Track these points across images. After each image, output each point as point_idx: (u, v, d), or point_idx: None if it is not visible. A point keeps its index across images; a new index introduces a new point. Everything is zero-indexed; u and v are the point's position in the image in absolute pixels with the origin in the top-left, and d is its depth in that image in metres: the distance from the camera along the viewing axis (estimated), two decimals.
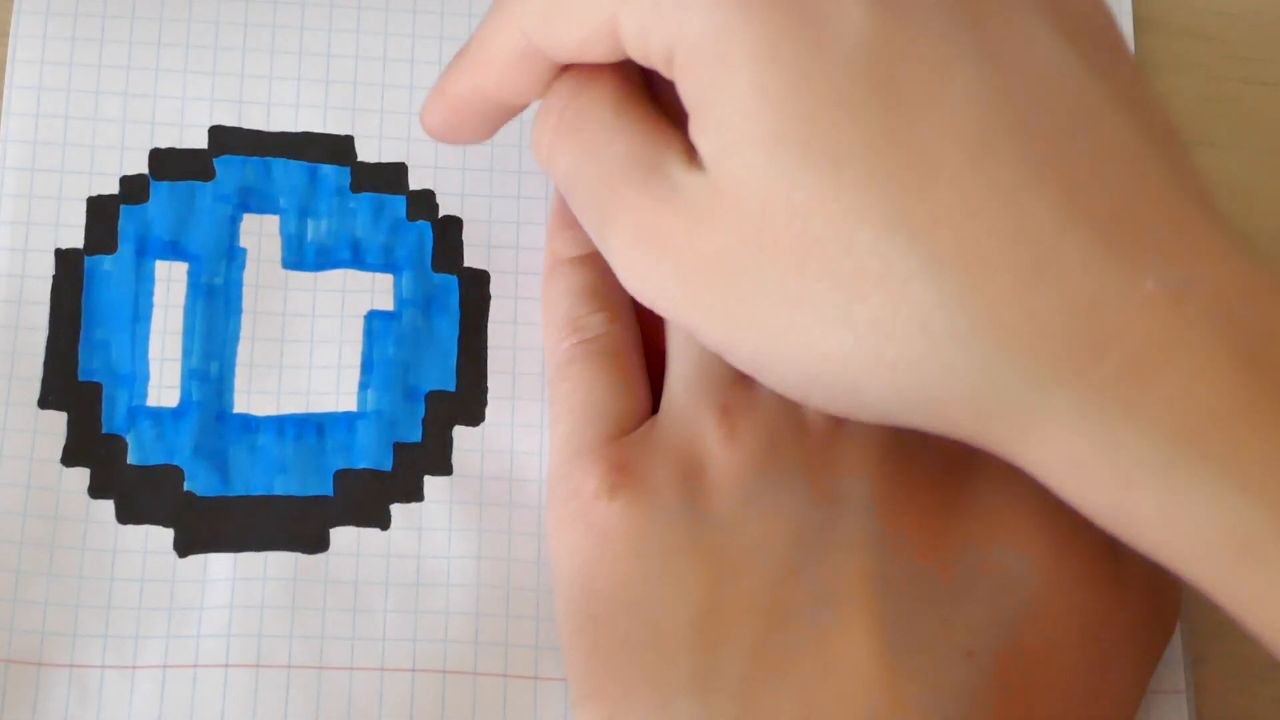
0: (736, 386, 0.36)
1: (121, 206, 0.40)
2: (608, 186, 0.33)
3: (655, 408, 0.38)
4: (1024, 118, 0.30)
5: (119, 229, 0.40)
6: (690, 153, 0.32)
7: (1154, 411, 0.28)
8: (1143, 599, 0.36)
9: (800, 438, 0.36)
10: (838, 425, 0.36)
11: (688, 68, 0.31)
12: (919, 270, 0.29)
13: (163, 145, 0.41)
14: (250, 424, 0.39)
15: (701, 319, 0.33)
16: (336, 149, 0.41)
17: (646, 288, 0.33)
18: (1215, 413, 0.28)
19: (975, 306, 0.29)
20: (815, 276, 0.30)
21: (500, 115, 0.37)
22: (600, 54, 0.33)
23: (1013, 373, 0.29)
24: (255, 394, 0.39)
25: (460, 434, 0.39)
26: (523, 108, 0.37)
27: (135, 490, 0.38)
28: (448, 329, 0.40)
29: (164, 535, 0.38)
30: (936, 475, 0.36)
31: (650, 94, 0.35)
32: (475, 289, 0.40)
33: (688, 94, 0.32)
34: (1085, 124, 0.30)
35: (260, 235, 0.40)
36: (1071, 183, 0.29)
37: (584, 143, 0.34)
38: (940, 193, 0.29)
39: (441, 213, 0.41)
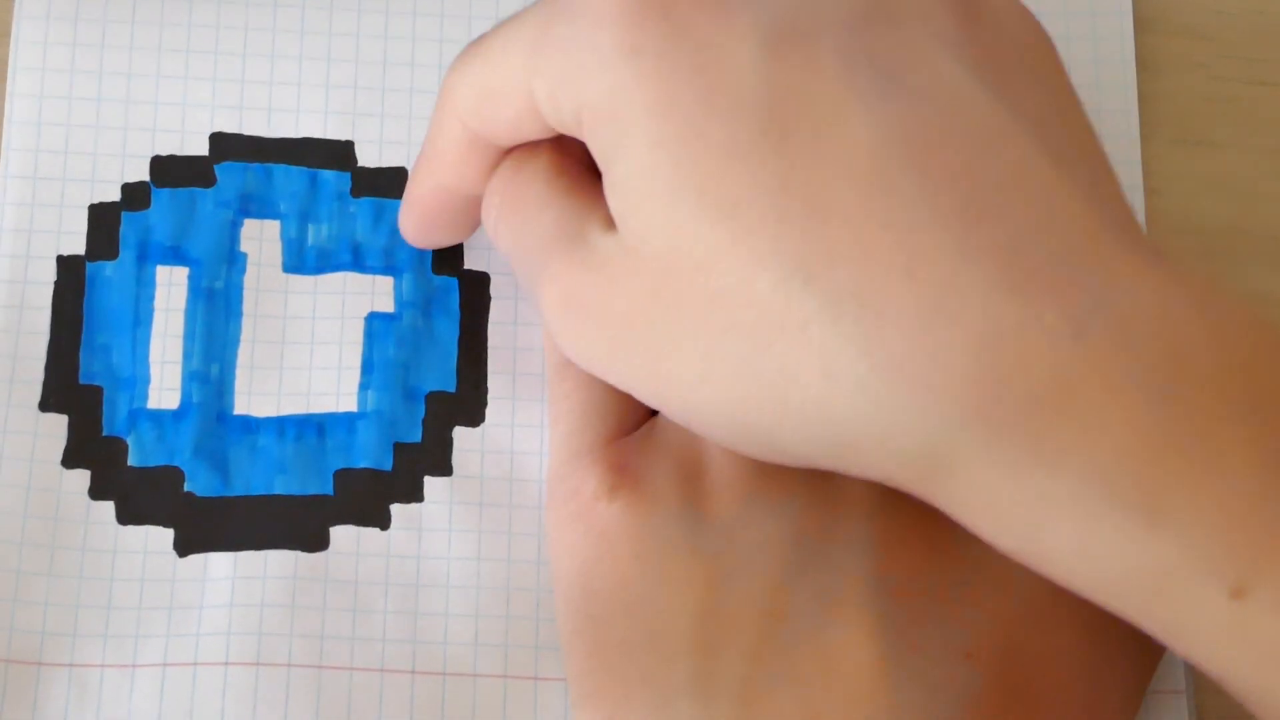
0: None
1: (123, 213, 0.41)
2: (538, 256, 0.34)
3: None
4: (920, 152, 0.29)
5: (120, 235, 0.40)
6: (609, 216, 0.32)
7: (1060, 449, 0.28)
8: None
9: None
10: None
11: (592, 130, 0.32)
12: (817, 313, 0.29)
13: (164, 152, 0.41)
14: (250, 425, 0.39)
15: (627, 376, 0.33)
16: (337, 154, 0.41)
17: (575, 349, 0.34)
18: (1121, 445, 0.28)
19: (874, 348, 0.28)
20: (721, 329, 0.30)
21: (466, 211, 0.38)
22: (533, 130, 0.34)
23: (915, 414, 0.29)
24: (255, 395, 0.39)
25: (460, 434, 0.39)
26: (480, 200, 0.37)
27: (135, 491, 0.38)
28: (448, 330, 0.40)
29: (164, 535, 0.38)
30: None
31: (590, 163, 0.35)
32: (475, 290, 0.40)
33: (597, 155, 0.32)
34: (986, 154, 0.30)
35: (261, 240, 0.40)
36: (969, 215, 0.29)
37: (520, 217, 0.35)
38: (834, 234, 0.29)
39: None
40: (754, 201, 0.29)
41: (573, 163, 0.35)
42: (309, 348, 0.40)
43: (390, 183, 0.41)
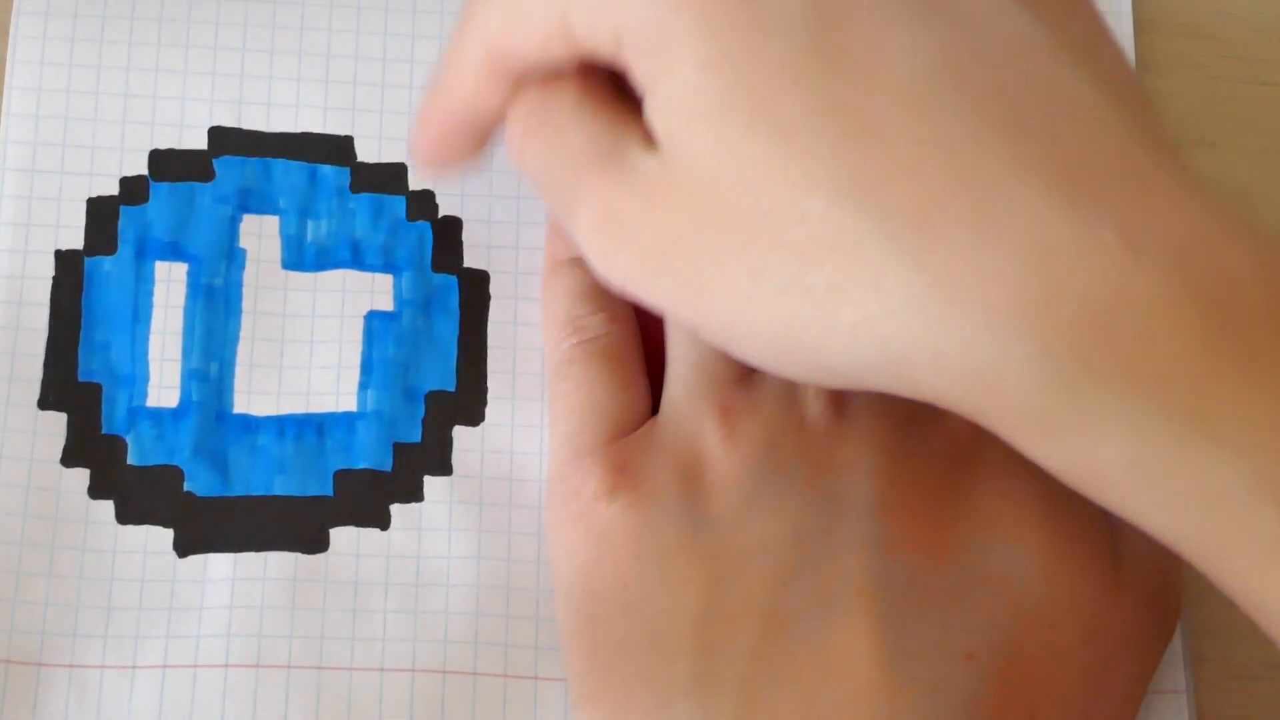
0: (736, 387, 0.36)
1: (121, 207, 0.40)
2: (571, 175, 0.33)
3: (656, 408, 0.38)
4: (968, 72, 0.29)
5: (119, 230, 0.40)
6: (648, 136, 0.32)
7: (1114, 363, 0.28)
8: (1143, 601, 0.36)
9: (800, 438, 0.36)
10: (838, 426, 0.36)
11: (635, 51, 0.31)
12: (869, 232, 0.29)
13: (162, 146, 0.41)
14: (250, 424, 0.39)
15: (666, 296, 0.32)
16: (336, 149, 0.41)
17: (612, 271, 0.33)
18: (1177, 363, 0.28)
19: (927, 264, 0.28)
20: (770, 248, 0.30)
21: (479, 133, 0.37)
22: (560, 53, 0.33)
23: (970, 328, 0.28)
24: (255, 394, 0.39)
25: (460, 434, 0.39)
26: (497, 123, 0.37)
27: (135, 490, 0.38)
28: (448, 329, 0.40)
29: (164, 535, 0.38)
30: (937, 477, 0.36)
31: (616, 89, 0.35)
32: (475, 289, 0.40)
33: (638, 77, 0.32)
34: (1033, 76, 0.30)
35: (260, 236, 0.40)
36: (1019, 134, 0.29)
37: (549, 136, 0.34)
38: (886, 153, 0.29)
39: (441, 213, 0.41)
40: (807, 121, 0.29)
41: (602, 86, 0.35)
42: (308, 346, 0.40)
43: (390, 178, 0.41)
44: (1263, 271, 0.28)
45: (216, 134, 0.41)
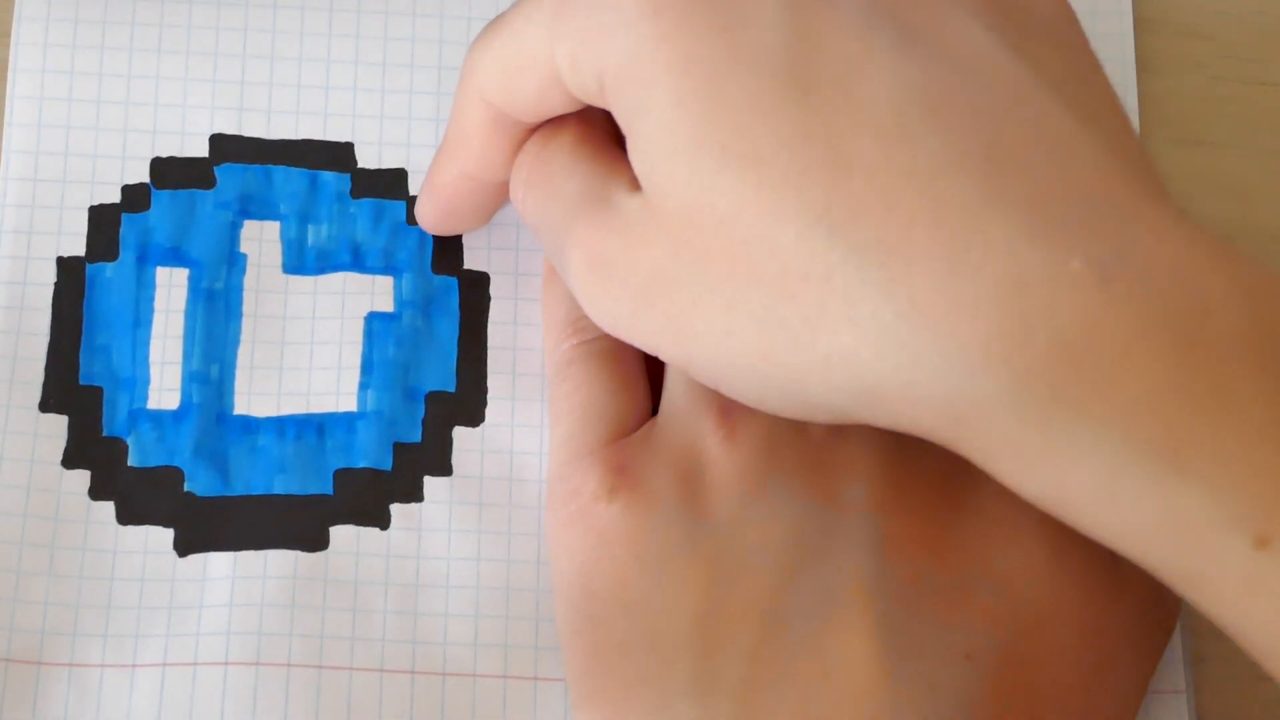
0: None
1: (123, 215, 0.41)
2: (563, 222, 0.34)
3: (655, 409, 0.38)
4: (942, 104, 0.30)
5: (120, 236, 0.40)
6: (634, 178, 0.33)
7: (1086, 394, 0.28)
8: (1142, 601, 0.36)
9: (800, 440, 0.36)
10: (838, 428, 0.36)
11: (615, 91, 0.32)
12: (841, 262, 0.29)
13: (164, 154, 0.41)
14: (250, 425, 0.39)
15: (651, 336, 0.33)
16: (336, 155, 0.41)
17: (601, 313, 0.34)
18: (1149, 394, 0.28)
19: (899, 294, 0.29)
20: (745, 281, 0.30)
21: (489, 197, 0.38)
22: (558, 103, 0.34)
23: (941, 359, 0.29)
24: (255, 396, 0.39)
25: (460, 434, 0.39)
26: (505, 185, 0.38)
27: (135, 491, 0.38)
28: (448, 330, 0.40)
29: (164, 535, 0.38)
30: (936, 479, 0.36)
31: (615, 133, 0.35)
32: (475, 290, 0.40)
33: (619, 116, 0.32)
34: (1007, 107, 0.30)
35: (261, 241, 0.40)
36: (992, 165, 0.29)
37: (546, 187, 0.35)
38: (857, 185, 0.29)
39: None
40: (777, 154, 0.30)
41: (598, 132, 0.35)
42: (309, 348, 0.40)
43: (390, 184, 0.41)
44: (1246, 301, 0.28)
45: (218, 141, 0.41)
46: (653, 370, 0.38)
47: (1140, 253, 0.28)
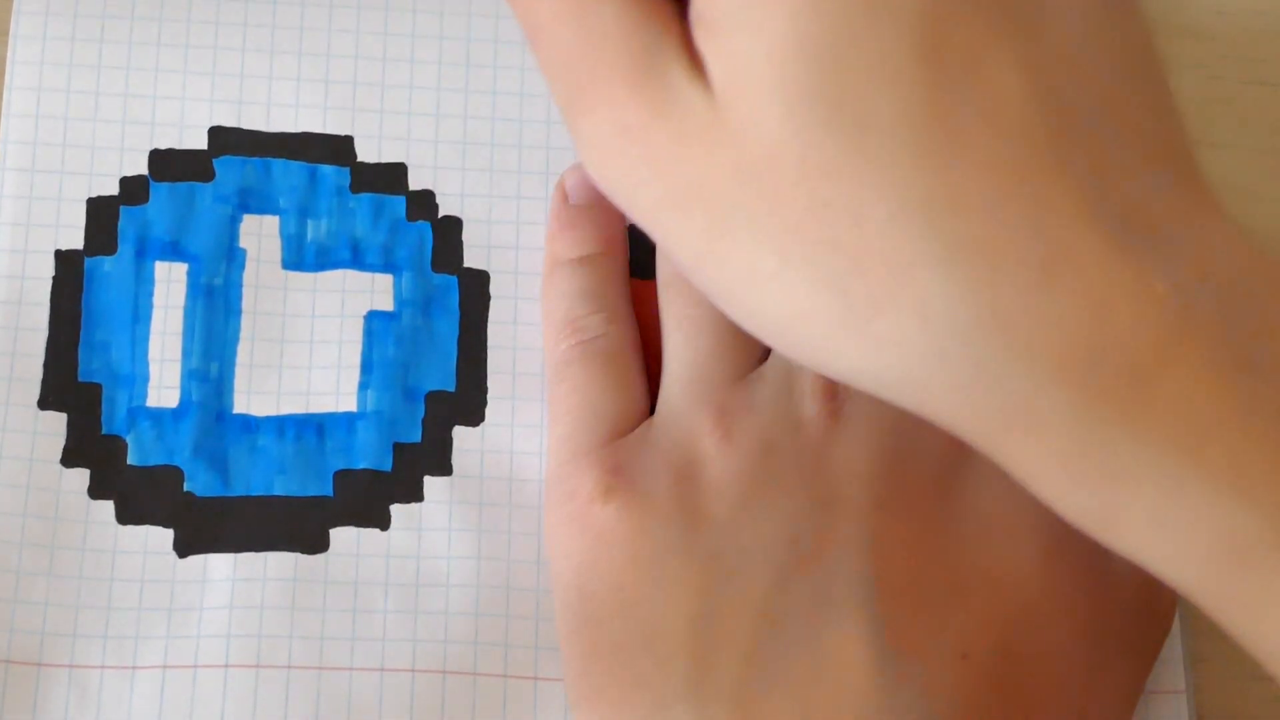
0: (732, 388, 0.36)
1: (121, 208, 0.40)
2: (590, 68, 0.30)
3: (654, 409, 0.38)
4: (1056, 104, 0.28)
5: (119, 230, 0.40)
6: (692, 54, 0.29)
7: (1152, 415, 0.28)
8: (1137, 599, 0.36)
9: (796, 440, 0.36)
10: (834, 428, 0.36)
11: None
12: (929, 257, 0.27)
13: (162, 146, 0.41)
14: (250, 424, 0.39)
15: (674, 238, 0.30)
16: (336, 149, 0.41)
17: (617, 188, 0.30)
18: (1214, 418, 0.27)
19: (982, 300, 0.27)
20: (815, 240, 0.28)
21: None
22: None
23: (1010, 368, 0.28)
24: (255, 394, 0.39)
25: (460, 434, 0.39)
26: None
27: (135, 491, 0.38)
28: (447, 329, 0.40)
29: (164, 535, 0.38)
30: (932, 478, 0.36)
31: None
32: (475, 289, 0.40)
33: (708, 11, 0.29)
34: (1108, 114, 0.29)
35: (260, 236, 0.40)
36: (1093, 177, 0.28)
37: (574, 12, 0.30)
38: (965, 178, 0.27)
39: (441, 213, 0.41)
40: (893, 127, 0.27)
41: None
42: (308, 346, 0.40)
43: (390, 179, 0.41)
44: None
45: (216, 134, 0.41)
46: (651, 370, 0.38)
47: (1217, 276, 0.28)
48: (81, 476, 0.38)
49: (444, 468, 0.39)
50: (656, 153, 0.29)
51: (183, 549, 0.38)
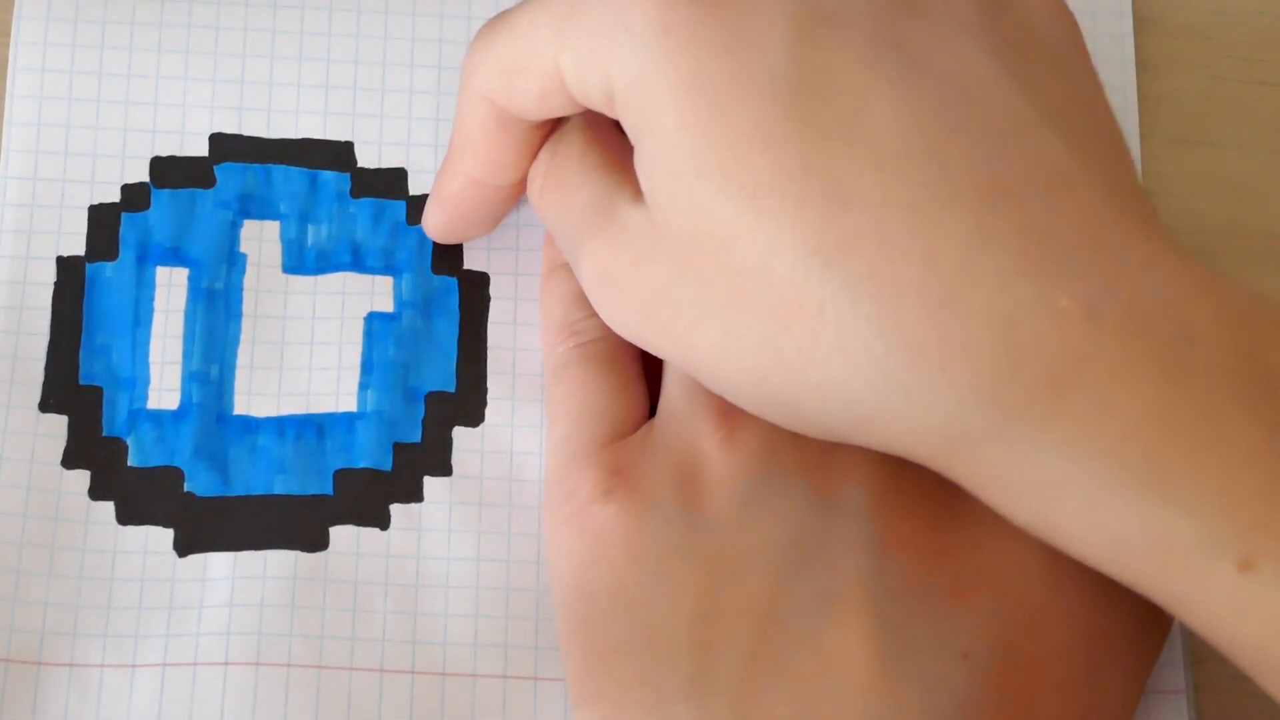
0: None
1: (123, 214, 0.41)
2: (576, 232, 0.35)
3: (653, 411, 0.38)
4: (941, 138, 0.30)
5: (120, 236, 0.40)
6: (639, 189, 0.33)
7: (1071, 426, 0.29)
8: (1138, 599, 0.36)
9: (798, 442, 0.36)
10: None
11: (623, 106, 0.32)
12: (834, 296, 0.30)
13: (164, 153, 0.41)
14: (250, 425, 0.39)
15: (660, 346, 0.34)
16: (336, 155, 0.41)
17: (614, 322, 0.34)
18: (1132, 425, 0.28)
19: (890, 330, 0.29)
20: (742, 308, 0.31)
21: (496, 203, 0.38)
22: (561, 106, 0.34)
23: (931, 393, 0.29)
24: (255, 396, 0.39)
25: (460, 434, 0.39)
26: (514, 189, 0.38)
27: (135, 492, 0.38)
28: (447, 330, 0.40)
29: (164, 535, 0.38)
30: (933, 480, 0.35)
31: (620, 132, 0.35)
32: (475, 290, 0.40)
33: (627, 129, 0.32)
34: (1005, 141, 0.30)
35: (261, 241, 0.40)
36: (986, 201, 0.29)
37: (560, 195, 0.35)
38: (854, 218, 0.29)
39: None
40: (775, 184, 0.30)
41: (607, 134, 0.36)
42: (309, 348, 0.40)
43: (390, 183, 0.41)
44: (1229, 330, 0.29)
45: (217, 140, 0.41)
46: (651, 372, 0.38)
47: (1127, 287, 0.29)
48: (82, 478, 0.38)
49: (444, 468, 0.39)
50: (623, 280, 0.33)
51: (183, 548, 0.38)
